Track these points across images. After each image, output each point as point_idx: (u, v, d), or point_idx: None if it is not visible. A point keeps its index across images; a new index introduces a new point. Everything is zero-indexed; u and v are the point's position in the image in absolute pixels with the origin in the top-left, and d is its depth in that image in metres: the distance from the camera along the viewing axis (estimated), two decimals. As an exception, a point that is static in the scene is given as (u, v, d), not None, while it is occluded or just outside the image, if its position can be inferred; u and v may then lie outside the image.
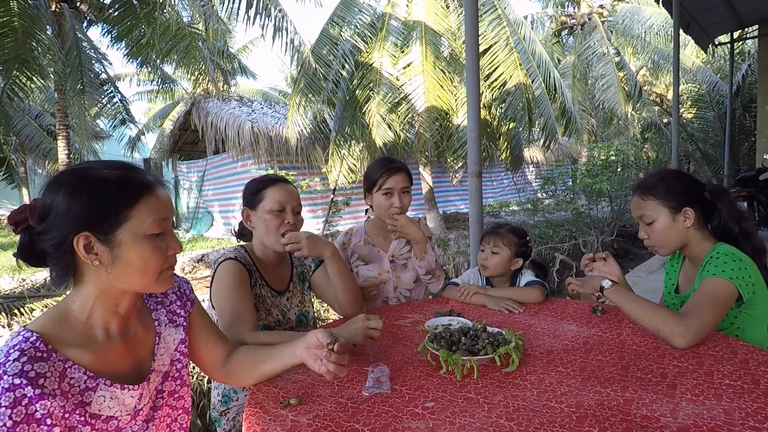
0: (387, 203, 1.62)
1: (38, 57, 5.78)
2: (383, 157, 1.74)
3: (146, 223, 0.77)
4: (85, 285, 0.78)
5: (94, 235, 0.74)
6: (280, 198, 1.34)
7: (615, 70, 10.40)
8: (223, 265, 1.29)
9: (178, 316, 0.94)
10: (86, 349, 0.76)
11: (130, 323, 0.85)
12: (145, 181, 0.79)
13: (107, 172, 0.76)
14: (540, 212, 7.56)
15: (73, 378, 0.73)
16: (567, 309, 1.44)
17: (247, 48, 16.06)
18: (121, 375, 0.80)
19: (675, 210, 1.27)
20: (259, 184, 1.38)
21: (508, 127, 7.19)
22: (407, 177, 1.65)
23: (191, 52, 6.01)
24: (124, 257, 0.76)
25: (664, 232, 1.29)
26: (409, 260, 1.74)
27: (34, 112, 11.92)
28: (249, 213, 1.38)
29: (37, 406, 0.66)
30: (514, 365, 1.01)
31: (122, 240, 0.75)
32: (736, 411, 0.81)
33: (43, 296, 4.10)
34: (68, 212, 0.73)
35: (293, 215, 1.36)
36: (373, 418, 0.84)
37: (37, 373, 0.68)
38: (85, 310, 0.78)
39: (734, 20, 6.51)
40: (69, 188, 0.74)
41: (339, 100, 6.89)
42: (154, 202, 0.78)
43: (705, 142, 9.60)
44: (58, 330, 0.75)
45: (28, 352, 0.69)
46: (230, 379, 1.03)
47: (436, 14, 6.78)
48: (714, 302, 1.13)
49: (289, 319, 1.43)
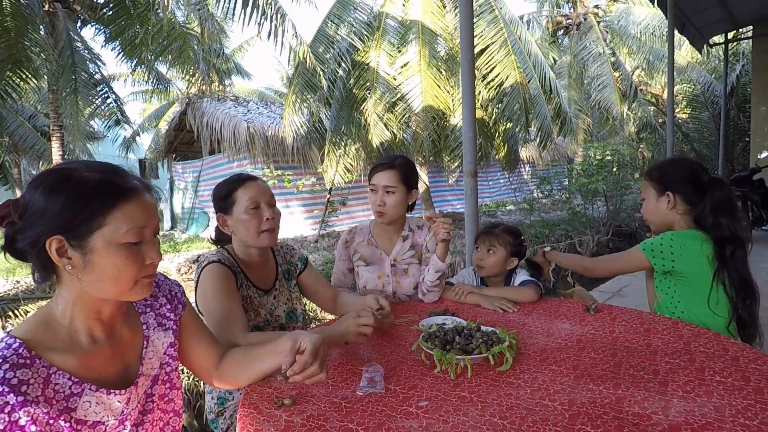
0: (372, 199, 1.62)
1: (31, 57, 5.74)
2: (390, 154, 1.72)
3: (121, 231, 0.73)
4: (64, 288, 0.76)
5: (67, 239, 0.72)
6: (251, 195, 1.31)
7: (611, 70, 10.44)
8: (208, 268, 1.26)
9: (167, 320, 0.92)
10: (71, 354, 0.75)
11: (116, 327, 0.84)
12: (125, 186, 0.75)
13: (88, 175, 0.74)
14: (536, 212, 7.59)
15: (57, 384, 0.72)
16: (561, 308, 1.44)
17: (242, 48, 16.01)
18: (108, 379, 0.79)
19: (659, 192, 1.46)
20: (227, 186, 1.34)
21: (505, 127, 7.21)
22: (395, 176, 1.58)
23: (185, 52, 5.98)
24: (96, 264, 0.73)
25: (650, 211, 1.49)
26: (411, 266, 1.70)
27: (28, 112, 11.83)
28: (224, 218, 1.35)
29: (20, 413, 0.65)
30: (507, 364, 1.01)
31: (95, 246, 0.73)
32: (727, 408, 0.82)
33: (37, 298, 4.07)
34: (44, 213, 0.71)
35: (269, 209, 1.34)
36: (367, 417, 0.84)
37: (20, 380, 0.67)
38: (67, 314, 0.77)
39: (729, 21, 6.56)
40: (47, 188, 0.72)
41: (335, 100, 6.87)
42: (132, 209, 0.75)
43: (700, 142, 9.66)
44: (41, 335, 0.74)
45: (11, 359, 0.68)
46: (223, 380, 1.01)
47: (433, 14, 6.78)
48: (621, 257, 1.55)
49: (278, 316, 1.42)
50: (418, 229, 1.73)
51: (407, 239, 1.71)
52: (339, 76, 6.87)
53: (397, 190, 1.59)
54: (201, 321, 1.01)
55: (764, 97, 6.95)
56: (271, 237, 1.34)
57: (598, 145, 7.95)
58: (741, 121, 8.78)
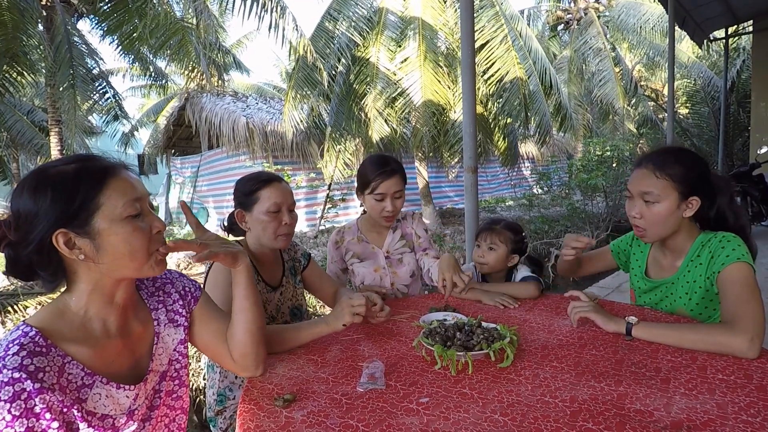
0: (378, 207, 1.60)
1: (29, 52, 5.70)
2: (378, 154, 1.66)
3: (119, 206, 0.75)
4: (78, 282, 0.77)
5: (71, 229, 0.73)
6: (276, 199, 1.33)
7: (612, 65, 10.41)
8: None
9: (179, 315, 0.93)
10: (85, 345, 0.76)
11: (128, 321, 0.85)
12: (105, 165, 0.77)
13: (64, 167, 0.75)
14: (535, 208, 7.59)
15: (71, 374, 0.72)
16: (562, 304, 1.44)
17: (241, 43, 15.93)
18: (119, 374, 0.80)
19: (683, 196, 1.16)
20: (253, 184, 1.34)
21: (505, 122, 7.19)
22: (401, 179, 1.62)
23: (184, 46, 5.95)
24: (107, 245, 0.75)
25: (664, 218, 1.18)
26: (405, 254, 1.74)
27: (26, 107, 11.78)
28: (243, 214, 1.36)
29: (36, 400, 0.66)
30: (508, 360, 1.01)
31: (100, 228, 0.74)
32: (729, 405, 0.81)
33: (36, 293, 4.07)
34: (37, 214, 0.71)
35: (289, 214, 1.36)
36: (368, 413, 0.84)
37: (37, 367, 0.68)
38: (81, 305, 0.78)
39: (729, 16, 6.53)
40: (31, 189, 0.73)
41: (335, 95, 6.85)
42: (120, 184, 0.76)
43: (699, 138, 9.65)
44: (57, 325, 0.75)
45: (28, 346, 0.69)
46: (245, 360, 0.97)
47: (433, 9, 6.75)
48: (752, 291, 1.06)
49: (283, 313, 1.43)
50: (403, 220, 1.79)
51: (396, 230, 1.76)
52: (339, 71, 6.85)
53: (402, 192, 1.64)
54: (218, 309, 1.01)
55: (764, 92, 6.94)
56: (287, 240, 1.37)
57: (597, 141, 7.94)
58: (741, 117, 8.77)
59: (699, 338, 1.03)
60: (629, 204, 1.25)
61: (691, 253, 1.23)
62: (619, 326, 1.13)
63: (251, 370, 0.99)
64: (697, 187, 1.17)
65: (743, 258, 1.10)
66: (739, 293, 1.06)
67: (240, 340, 0.96)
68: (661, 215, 1.18)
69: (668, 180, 1.16)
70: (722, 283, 1.12)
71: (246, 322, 0.96)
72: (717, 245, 1.16)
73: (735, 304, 1.06)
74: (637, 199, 1.22)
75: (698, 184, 1.17)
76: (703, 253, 1.20)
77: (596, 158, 7.02)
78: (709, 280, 1.18)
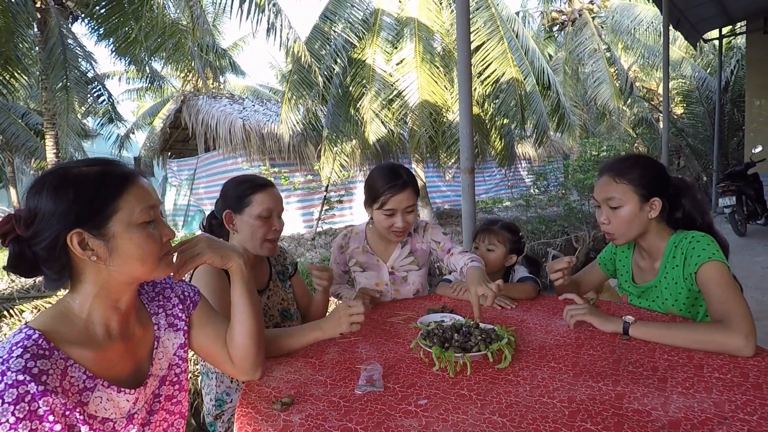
0: (388, 222, 1.49)
1: (22, 55, 5.67)
2: (388, 164, 1.54)
3: (136, 211, 0.77)
4: (84, 284, 0.78)
5: (87, 230, 0.74)
6: (269, 204, 1.32)
7: (606, 66, 10.45)
8: (203, 266, 1.22)
9: (178, 320, 0.93)
10: (87, 348, 0.76)
11: (129, 324, 0.85)
12: (126, 172, 0.79)
13: (87, 169, 0.76)
14: (532, 208, 7.60)
15: (73, 377, 0.73)
16: (559, 304, 1.44)
17: (237, 45, 15.91)
18: (120, 377, 0.80)
19: (644, 198, 1.23)
20: (247, 188, 1.32)
21: (502, 123, 7.21)
22: (413, 193, 1.49)
23: (180, 49, 5.93)
24: (120, 248, 0.76)
25: (629, 220, 1.24)
26: (410, 272, 1.64)
27: (20, 110, 11.72)
28: (233, 216, 1.33)
29: (39, 403, 0.66)
30: (506, 361, 1.01)
31: (115, 231, 0.76)
32: (726, 404, 0.82)
33: (32, 297, 4.04)
34: (56, 212, 0.72)
35: (278, 220, 1.36)
36: (366, 416, 0.84)
37: (40, 369, 0.68)
38: (85, 308, 0.78)
39: (723, 16, 6.58)
40: (52, 189, 0.73)
41: (332, 96, 6.85)
42: (139, 191, 0.79)
43: (695, 137, 9.70)
44: (59, 328, 0.75)
45: (31, 349, 0.69)
46: (244, 362, 0.97)
47: (429, 10, 6.75)
48: (731, 288, 1.10)
49: (272, 315, 1.42)
50: (414, 233, 1.65)
51: (406, 244, 1.63)
52: (335, 72, 6.84)
53: (415, 206, 1.51)
54: (216, 314, 1.00)
55: (758, 92, 6.99)
56: (272, 247, 1.36)
57: (593, 141, 7.97)
58: (735, 116, 8.82)
59: (696, 337, 1.06)
60: (597, 212, 1.32)
61: (666, 254, 1.27)
62: (616, 326, 1.15)
63: (250, 373, 0.99)
64: (656, 189, 1.24)
65: (714, 257, 1.14)
66: (720, 293, 1.11)
67: (240, 343, 0.96)
68: (625, 218, 1.25)
69: (627, 184, 1.24)
70: (702, 284, 1.16)
71: (246, 324, 0.96)
72: (688, 246, 1.20)
73: (721, 303, 1.09)
74: (603, 206, 1.28)
75: (656, 185, 1.24)
76: (677, 254, 1.24)
77: (593, 158, 7.04)
78: (687, 280, 1.21)
